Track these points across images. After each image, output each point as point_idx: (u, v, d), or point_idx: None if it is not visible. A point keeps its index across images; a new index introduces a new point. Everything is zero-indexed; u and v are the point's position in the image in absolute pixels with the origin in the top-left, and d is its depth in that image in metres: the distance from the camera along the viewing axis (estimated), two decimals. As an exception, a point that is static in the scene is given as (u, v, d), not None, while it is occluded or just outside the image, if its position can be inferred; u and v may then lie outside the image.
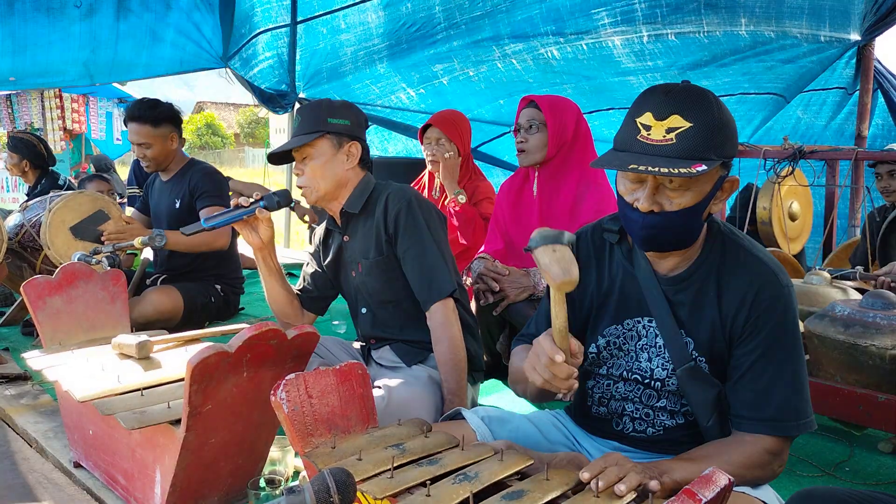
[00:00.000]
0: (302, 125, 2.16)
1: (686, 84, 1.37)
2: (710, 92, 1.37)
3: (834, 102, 5.24)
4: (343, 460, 1.31)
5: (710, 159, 1.30)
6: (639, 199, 1.36)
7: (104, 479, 1.97)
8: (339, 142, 2.17)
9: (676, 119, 1.30)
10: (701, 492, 1.00)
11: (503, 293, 2.74)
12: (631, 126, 1.35)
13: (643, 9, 4.46)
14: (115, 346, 2.09)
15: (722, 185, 1.40)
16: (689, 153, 1.29)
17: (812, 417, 1.41)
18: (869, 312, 2.30)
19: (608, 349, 1.57)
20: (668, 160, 1.28)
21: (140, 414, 1.65)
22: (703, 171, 1.26)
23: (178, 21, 4.83)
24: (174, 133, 3.50)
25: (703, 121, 1.30)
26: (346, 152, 2.18)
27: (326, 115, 2.15)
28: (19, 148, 5.14)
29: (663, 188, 1.35)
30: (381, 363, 2.31)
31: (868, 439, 2.47)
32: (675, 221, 1.36)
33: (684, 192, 1.34)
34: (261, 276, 2.30)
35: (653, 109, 1.33)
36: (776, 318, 1.40)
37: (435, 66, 5.24)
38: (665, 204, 1.35)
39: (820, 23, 4.54)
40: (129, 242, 2.90)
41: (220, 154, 31.35)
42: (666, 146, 1.30)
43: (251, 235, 2.17)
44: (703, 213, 1.39)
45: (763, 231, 4.17)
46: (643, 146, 1.32)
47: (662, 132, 1.31)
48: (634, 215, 1.38)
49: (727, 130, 1.34)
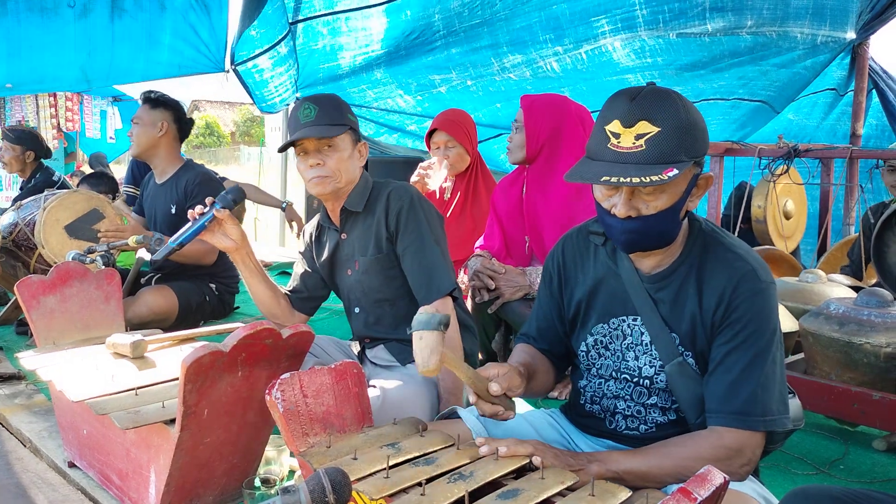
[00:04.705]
0: (323, 115, 2.10)
1: (651, 87, 1.37)
2: (676, 92, 1.37)
3: (825, 104, 5.26)
4: (338, 460, 1.31)
5: (682, 161, 1.31)
6: (616, 206, 1.38)
7: (99, 478, 1.96)
8: (355, 139, 2.19)
9: (644, 125, 1.32)
10: (696, 490, 1.00)
11: (499, 291, 2.74)
12: (600, 134, 1.36)
13: (644, 15, 4.42)
14: (110, 345, 2.08)
15: (696, 183, 1.41)
16: (659, 158, 1.30)
17: (782, 417, 1.39)
18: (864, 310, 2.31)
19: (596, 348, 1.59)
20: (639, 167, 1.29)
21: (134, 413, 1.65)
22: (675, 175, 1.28)
23: (174, 23, 4.78)
24: (166, 123, 3.45)
25: (671, 124, 1.31)
26: (359, 150, 2.20)
27: (346, 110, 2.16)
28: (23, 139, 5.05)
29: (639, 193, 1.36)
30: (377, 362, 2.31)
31: (862, 437, 2.48)
32: (653, 224, 1.38)
33: (659, 196, 1.36)
34: (243, 278, 2.26)
35: (620, 117, 1.34)
36: (752, 312, 1.40)
37: (432, 75, 5.20)
38: (642, 208, 1.37)
39: (821, 22, 4.55)
40: (124, 241, 2.89)
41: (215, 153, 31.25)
42: (636, 153, 1.31)
43: (222, 240, 2.13)
44: (680, 212, 1.41)
45: (758, 229, 4.18)
46: (614, 154, 1.33)
47: (632, 139, 1.32)
48: (613, 221, 1.40)
49: (696, 130, 1.35)
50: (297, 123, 2.11)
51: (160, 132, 3.46)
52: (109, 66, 4.98)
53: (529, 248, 2.86)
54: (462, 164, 3.44)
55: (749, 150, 3.71)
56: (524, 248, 2.88)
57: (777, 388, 1.40)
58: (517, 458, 1.33)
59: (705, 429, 1.42)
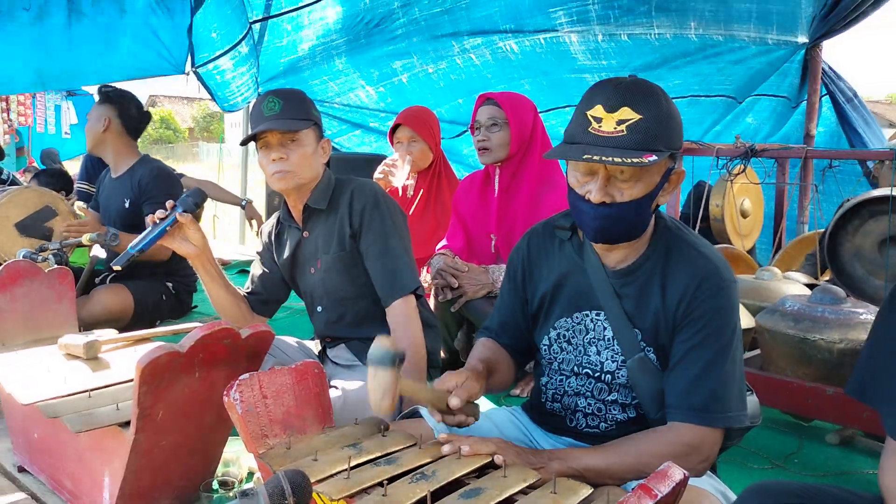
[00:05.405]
0: (288, 109, 2.07)
1: (634, 78, 1.40)
2: (658, 86, 1.40)
3: (778, 113, 5.36)
4: (298, 461, 1.29)
5: (660, 150, 1.34)
6: (590, 191, 1.39)
7: (50, 483, 1.91)
8: (318, 135, 2.16)
9: (627, 111, 1.34)
10: (657, 487, 1.01)
11: (462, 290, 2.74)
12: (582, 119, 1.38)
13: (597, 10, 4.53)
14: (62, 346, 2.04)
15: (669, 178, 1.44)
16: (639, 144, 1.32)
17: (740, 414, 1.41)
18: (818, 307, 2.36)
19: (559, 342, 1.59)
20: (619, 151, 1.32)
21: (87, 416, 1.61)
22: (654, 160, 1.30)
23: (133, 26, 4.71)
24: (109, 118, 3.40)
25: (652, 113, 1.34)
26: (322, 147, 2.17)
27: (311, 106, 2.14)
28: None
29: (614, 180, 1.38)
30: (338, 362, 2.29)
31: (816, 431, 2.54)
32: (626, 212, 1.40)
33: (635, 184, 1.38)
34: (202, 283, 2.20)
35: (603, 102, 1.36)
36: (714, 310, 1.42)
37: (394, 62, 5.21)
38: (616, 195, 1.38)
39: (767, 26, 4.64)
40: (78, 239, 2.82)
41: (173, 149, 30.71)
42: (617, 137, 1.33)
43: (183, 245, 2.06)
44: (652, 204, 1.43)
45: (716, 227, 4.25)
46: (595, 138, 1.35)
47: (613, 124, 1.34)
48: (586, 207, 1.41)
49: (674, 123, 1.38)
50: (261, 116, 2.06)
51: (103, 127, 3.42)
52: (66, 69, 4.89)
53: (496, 247, 2.86)
54: (425, 161, 3.43)
55: (707, 149, 3.77)
56: (489, 248, 2.88)
57: (736, 385, 1.43)
58: (479, 456, 1.33)
59: (664, 425, 1.44)
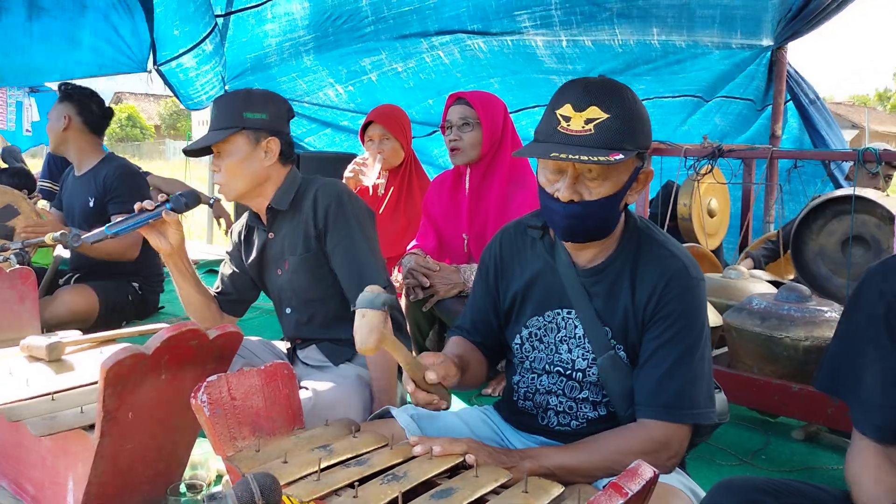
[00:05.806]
0: (217, 119, 2.05)
1: (603, 77, 1.42)
2: (626, 86, 1.42)
3: (744, 116, 5.43)
4: (268, 464, 1.28)
5: (627, 149, 1.35)
6: (559, 190, 1.40)
7: (12, 489, 1.86)
8: (257, 138, 2.07)
9: (595, 110, 1.35)
10: (627, 485, 1.02)
11: (433, 289, 2.73)
12: (551, 118, 1.39)
13: (559, 15, 4.57)
14: (24, 348, 2.00)
15: (637, 177, 1.45)
16: (607, 143, 1.34)
17: (708, 411, 1.44)
18: (784, 305, 2.40)
19: (530, 341, 1.60)
20: (587, 149, 1.33)
21: (50, 420, 1.58)
22: (620, 159, 1.32)
23: (95, 24, 4.66)
24: (69, 116, 3.37)
25: (620, 112, 1.36)
26: (263, 149, 2.08)
27: (243, 108, 2.05)
28: None
29: (583, 178, 1.39)
30: (308, 363, 2.26)
31: (782, 427, 2.58)
32: (595, 211, 1.41)
33: (603, 182, 1.39)
34: (174, 282, 2.18)
35: (572, 101, 1.37)
36: (682, 308, 1.44)
37: (363, 59, 5.19)
38: (584, 193, 1.40)
39: (731, 31, 4.69)
40: (41, 239, 2.76)
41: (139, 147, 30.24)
42: (585, 136, 1.35)
43: (160, 241, 2.04)
44: (621, 203, 1.45)
45: (683, 227, 4.30)
46: (564, 136, 1.36)
47: (582, 123, 1.35)
48: (555, 206, 1.42)
49: (641, 122, 1.40)
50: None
51: (64, 126, 3.37)
52: (26, 66, 4.82)
53: (468, 247, 2.86)
54: (396, 159, 3.42)
55: (675, 149, 3.81)
56: (461, 247, 2.88)
57: (705, 382, 1.45)
58: (451, 456, 1.33)
59: (634, 422, 1.45)
